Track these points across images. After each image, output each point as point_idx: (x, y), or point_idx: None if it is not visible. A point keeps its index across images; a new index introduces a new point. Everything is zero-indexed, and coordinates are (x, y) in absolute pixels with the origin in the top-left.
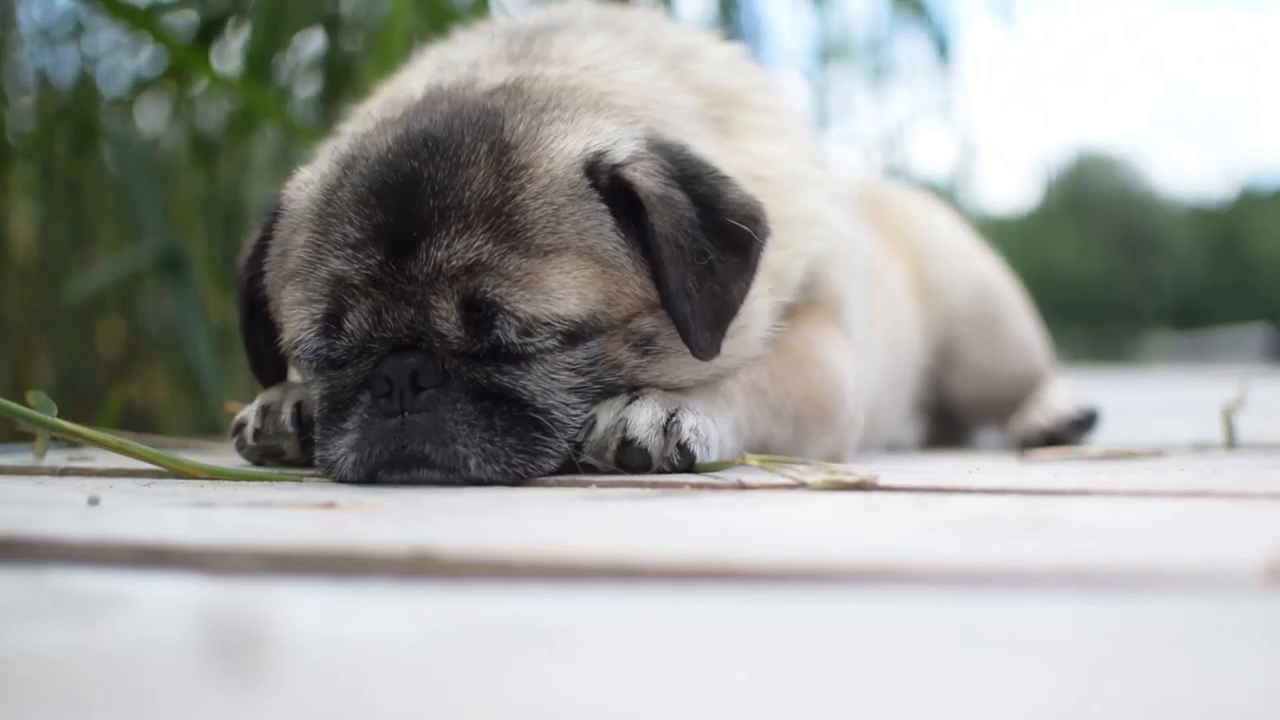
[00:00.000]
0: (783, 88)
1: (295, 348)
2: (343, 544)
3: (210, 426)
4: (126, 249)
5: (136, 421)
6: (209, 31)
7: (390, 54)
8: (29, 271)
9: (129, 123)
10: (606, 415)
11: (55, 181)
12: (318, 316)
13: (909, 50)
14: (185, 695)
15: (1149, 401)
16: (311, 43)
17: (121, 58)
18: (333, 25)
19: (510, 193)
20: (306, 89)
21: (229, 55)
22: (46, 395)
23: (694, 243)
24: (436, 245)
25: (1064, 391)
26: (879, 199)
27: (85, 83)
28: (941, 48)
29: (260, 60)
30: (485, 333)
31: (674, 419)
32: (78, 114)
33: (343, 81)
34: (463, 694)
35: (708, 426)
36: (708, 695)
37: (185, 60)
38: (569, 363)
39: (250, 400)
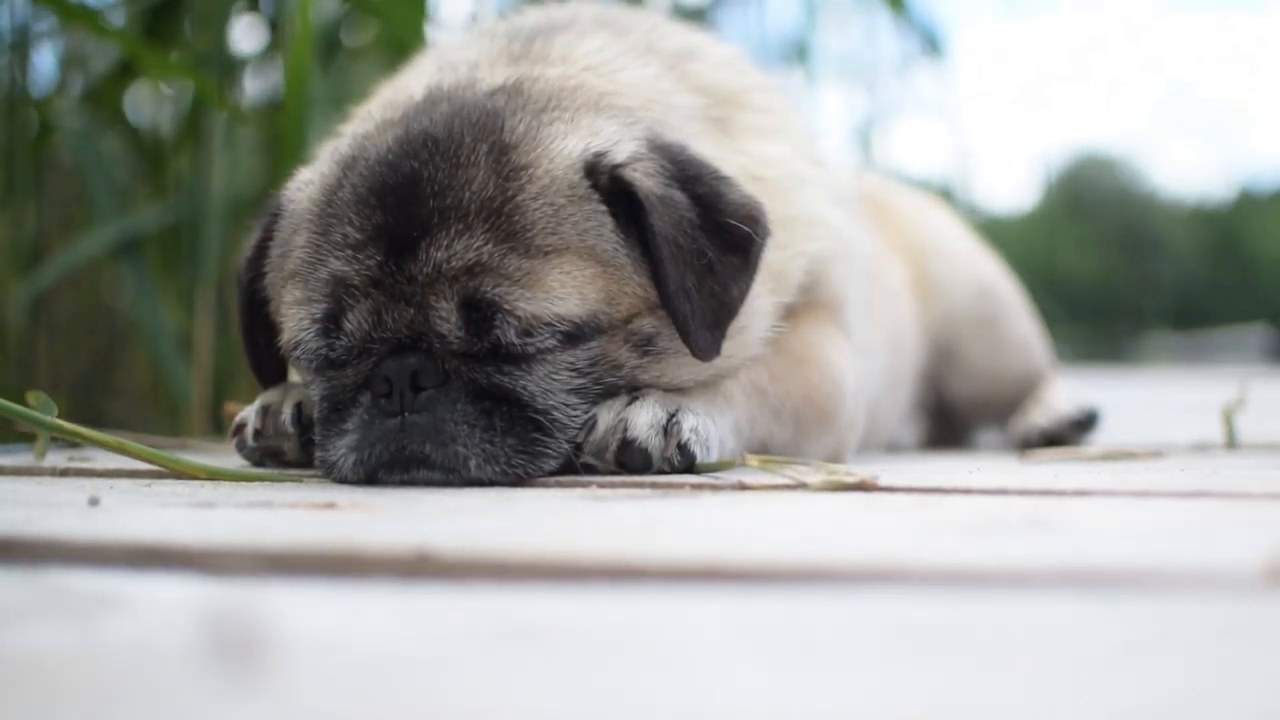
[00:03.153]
0: (782, 88)
1: (295, 347)
2: (343, 544)
3: (172, 408)
4: (79, 238)
5: (125, 423)
6: (158, 23)
7: (302, 47)
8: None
9: (82, 116)
10: (607, 416)
11: (21, 179)
12: (317, 316)
13: (894, 46)
14: (185, 695)
15: (1149, 401)
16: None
17: (85, 54)
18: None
19: (510, 193)
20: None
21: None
22: (46, 395)
23: (694, 243)
24: (436, 246)
25: (1064, 391)
26: (879, 198)
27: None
28: (931, 43)
29: (208, 50)
30: (485, 333)
31: (674, 419)
32: (40, 114)
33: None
34: (462, 694)
35: (708, 427)
36: (707, 695)
37: (136, 53)
38: (569, 363)
39: (202, 399)
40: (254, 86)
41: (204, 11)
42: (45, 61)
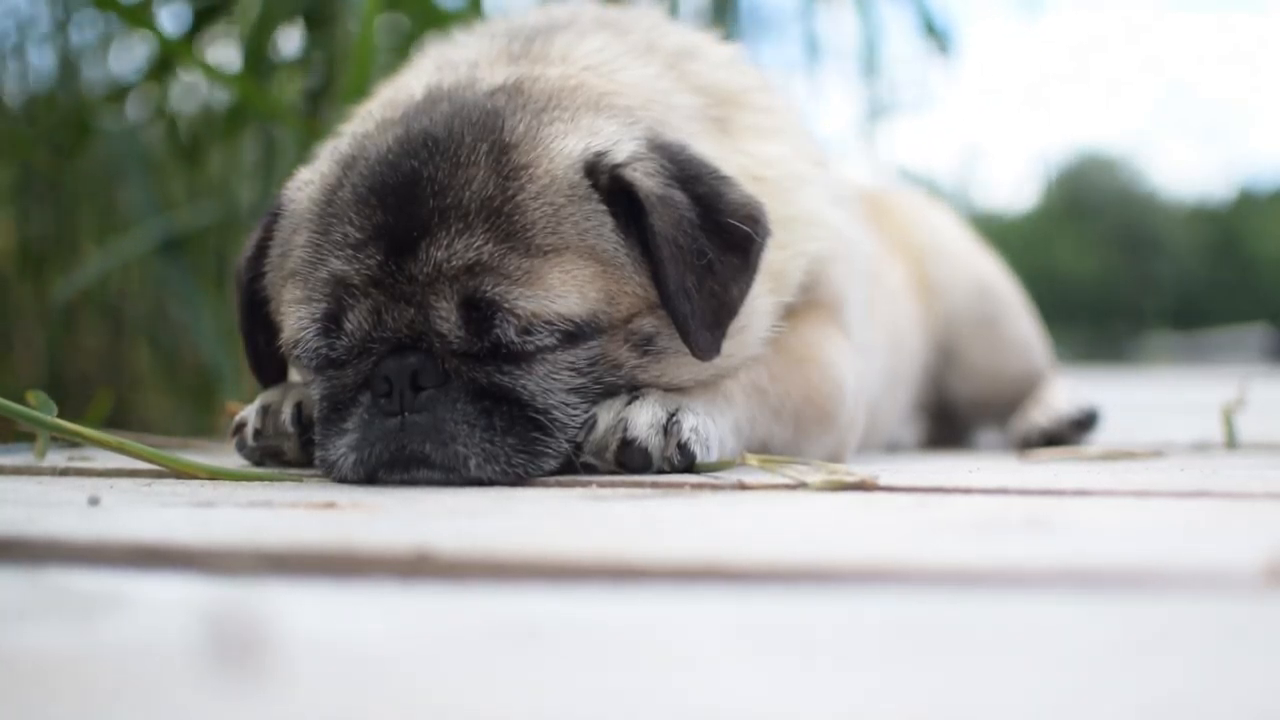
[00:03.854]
0: (782, 87)
1: (295, 347)
2: (343, 544)
3: (205, 407)
4: (116, 238)
5: (124, 421)
6: (201, 22)
7: (365, 50)
8: (9, 271)
9: (119, 116)
10: (607, 415)
11: (37, 180)
12: (317, 316)
13: (900, 41)
14: (185, 695)
15: (1149, 401)
16: (294, 40)
17: (109, 54)
18: (320, 21)
19: (510, 193)
20: (294, 84)
21: (217, 52)
22: (46, 395)
23: (694, 243)
24: (436, 245)
25: (1064, 391)
26: (880, 199)
27: (70, 80)
28: (941, 37)
29: (255, 51)
30: (485, 332)
31: (674, 419)
32: (64, 111)
33: (331, 78)
34: (462, 694)
35: (708, 426)
36: (707, 695)
37: (174, 53)
38: (569, 362)
39: (251, 395)
40: (291, 88)
41: (256, 14)
42: (47, 62)
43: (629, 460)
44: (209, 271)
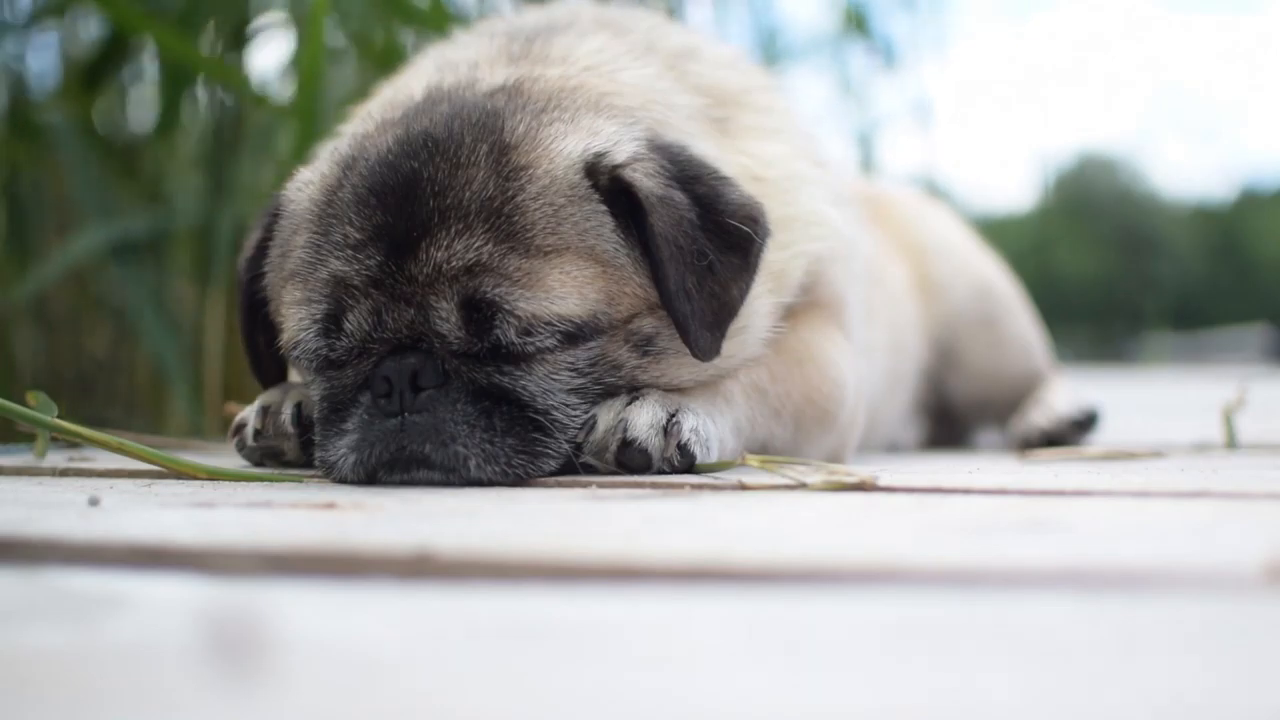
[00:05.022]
0: (782, 87)
1: (295, 348)
2: (343, 544)
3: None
4: (73, 238)
5: (125, 421)
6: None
7: (314, 49)
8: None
9: (68, 113)
10: (607, 416)
11: (18, 179)
12: (317, 317)
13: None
14: (185, 695)
15: (1149, 401)
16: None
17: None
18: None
19: (510, 193)
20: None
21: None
22: (47, 395)
23: (694, 243)
24: (436, 246)
25: (1064, 392)
26: (880, 199)
27: (18, 80)
28: (888, 54)
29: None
30: (485, 333)
31: (674, 419)
32: (18, 111)
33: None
34: (462, 694)
35: (708, 427)
36: (708, 695)
37: (172, 46)
38: (569, 363)
39: (221, 393)
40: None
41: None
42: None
43: (629, 461)
44: (184, 270)
